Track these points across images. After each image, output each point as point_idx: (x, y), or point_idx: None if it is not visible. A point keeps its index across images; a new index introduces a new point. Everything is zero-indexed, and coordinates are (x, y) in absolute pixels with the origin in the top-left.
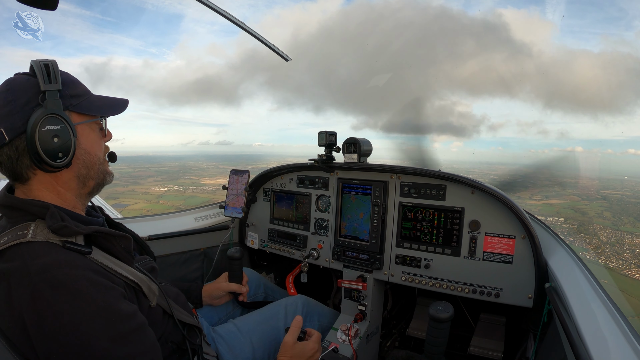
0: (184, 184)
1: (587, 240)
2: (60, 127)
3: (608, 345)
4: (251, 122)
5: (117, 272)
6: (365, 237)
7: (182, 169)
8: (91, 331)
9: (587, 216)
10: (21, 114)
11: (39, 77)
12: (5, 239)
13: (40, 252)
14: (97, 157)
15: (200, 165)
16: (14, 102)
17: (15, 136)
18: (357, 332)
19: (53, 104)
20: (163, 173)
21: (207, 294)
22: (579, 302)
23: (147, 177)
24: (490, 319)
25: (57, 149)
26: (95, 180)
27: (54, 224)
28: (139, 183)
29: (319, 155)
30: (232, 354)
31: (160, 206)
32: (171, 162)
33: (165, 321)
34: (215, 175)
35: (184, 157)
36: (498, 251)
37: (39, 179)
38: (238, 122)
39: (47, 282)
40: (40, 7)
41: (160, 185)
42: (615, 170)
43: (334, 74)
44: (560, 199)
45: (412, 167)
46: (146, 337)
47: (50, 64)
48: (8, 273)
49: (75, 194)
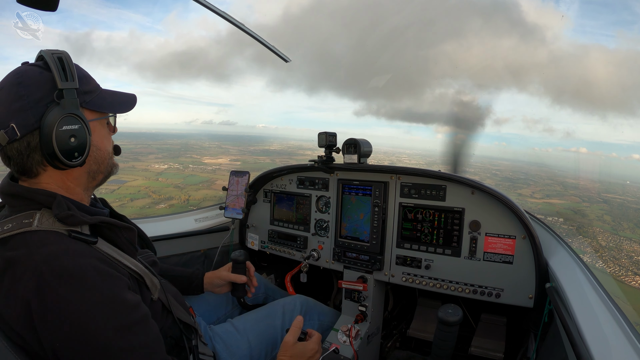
0: (184, 163)
1: (586, 242)
2: (77, 127)
3: (609, 345)
4: (256, 104)
5: (122, 262)
6: (366, 238)
7: (184, 147)
8: (96, 320)
9: (587, 218)
10: (34, 110)
11: (55, 73)
12: (9, 225)
13: (46, 240)
14: (107, 152)
15: (202, 144)
16: (27, 97)
17: (27, 132)
18: (357, 333)
19: (71, 103)
20: (165, 150)
21: (208, 281)
22: (580, 302)
23: (148, 154)
24: (491, 319)
25: (74, 148)
26: (104, 174)
27: (60, 212)
28: (139, 160)
29: (319, 156)
30: (229, 353)
31: (159, 184)
32: (174, 140)
33: (164, 316)
34: (216, 154)
35: (186, 136)
36: (498, 251)
37: (49, 174)
38: (243, 103)
39: (53, 270)
40: (40, 8)
41: (160, 163)
42: (618, 174)
43: (329, 51)
44: (562, 198)
45: (412, 168)
46: (149, 328)
47: (63, 57)
48: (14, 261)
49: (84, 188)
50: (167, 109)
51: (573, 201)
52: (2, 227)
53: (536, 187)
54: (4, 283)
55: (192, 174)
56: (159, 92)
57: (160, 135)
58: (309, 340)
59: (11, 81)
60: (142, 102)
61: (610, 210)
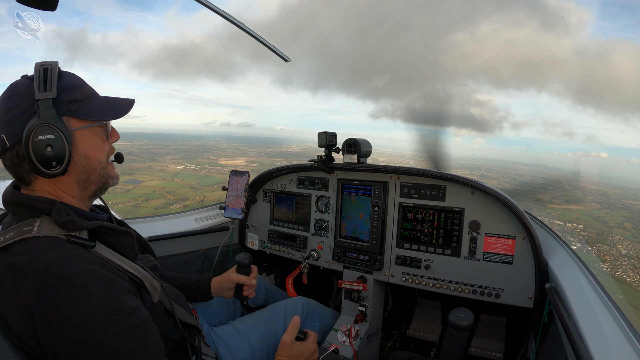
0: (201, 164)
1: (605, 251)
2: (53, 136)
3: (609, 345)
4: (274, 106)
5: (121, 266)
6: (365, 238)
7: (202, 148)
8: (96, 324)
9: (606, 225)
10: (19, 122)
11: (35, 84)
12: (11, 234)
13: (46, 246)
14: (98, 162)
15: (220, 145)
16: (14, 109)
17: (15, 142)
18: (357, 333)
19: (46, 113)
20: (182, 151)
21: (217, 285)
22: (580, 302)
23: (165, 154)
24: (491, 320)
25: (51, 158)
26: (97, 185)
27: (60, 217)
28: (156, 160)
29: (319, 156)
30: (231, 355)
31: (174, 184)
32: (191, 141)
33: (166, 319)
34: (233, 156)
35: (204, 137)
36: (498, 251)
37: (40, 183)
38: (261, 105)
39: (54, 275)
40: (39, 8)
41: (177, 164)
42: (639, 180)
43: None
44: (581, 204)
45: (412, 168)
46: (150, 332)
47: (50, 68)
48: (16, 266)
49: (78, 197)
50: (186, 111)
51: (593, 207)
52: (4, 236)
53: (555, 192)
54: (6, 288)
55: (208, 175)
56: (179, 94)
57: (179, 136)
58: (307, 340)
59: (4, 94)
60: (162, 103)
61: (630, 217)
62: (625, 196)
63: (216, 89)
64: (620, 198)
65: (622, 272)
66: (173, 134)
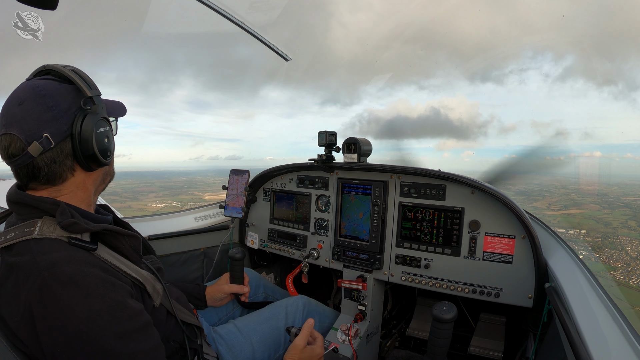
0: (183, 200)
1: (614, 256)
2: (108, 128)
3: (608, 345)
4: (263, 137)
5: (123, 270)
6: (365, 237)
7: (188, 184)
8: (97, 327)
9: (610, 227)
10: (65, 119)
11: (79, 84)
12: (12, 234)
13: (48, 248)
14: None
15: (207, 180)
16: (56, 107)
17: (61, 140)
18: (357, 332)
19: (101, 108)
20: (167, 188)
21: (209, 296)
22: (579, 302)
23: (149, 192)
24: (491, 319)
25: (108, 148)
26: (111, 176)
27: (63, 220)
28: (138, 199)
29: (319, 155)
30: (232, 354)
31: None
32: (178, 177)
33: (168, 321)
34: (219, 190)
35: (193, 172)
36: (498, 251)
37: (74, 180)
38: (251, 137)
39: (56, 277)
40: (40, 7)
41: (159, 202)
42: (636, 175)
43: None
44: (580, 208)
45: (412, 167)
46: (151, 336)
47: (76, 70)
48: (17, 266)
49: (96, 191)
50: (174, 147)
51: (593, 209)
52: (6, 236)
53: (552, 198)
54: (7, 287)
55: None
56: (167, 130)
57: (167, 173)
58: (316, 345)
59: (32, 95)
60: (151, 141)
61: (633, 215)
62: (624, 193)
63: (204, 122)
64: (619, 196)
65: (637, 278)
66: (162, 171)
